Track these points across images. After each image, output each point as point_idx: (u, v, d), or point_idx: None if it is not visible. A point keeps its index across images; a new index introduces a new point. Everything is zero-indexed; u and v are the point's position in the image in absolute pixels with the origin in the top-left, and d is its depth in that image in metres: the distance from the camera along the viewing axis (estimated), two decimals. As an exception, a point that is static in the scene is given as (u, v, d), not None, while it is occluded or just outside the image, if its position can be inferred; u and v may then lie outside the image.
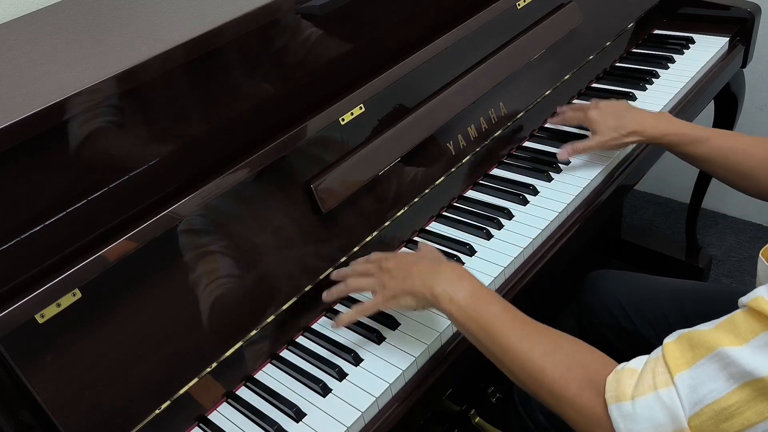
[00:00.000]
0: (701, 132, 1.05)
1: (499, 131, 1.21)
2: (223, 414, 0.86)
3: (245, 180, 0.89)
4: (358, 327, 0.93)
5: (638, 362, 0.66)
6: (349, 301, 0.98)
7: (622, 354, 1.18)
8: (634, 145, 1.12)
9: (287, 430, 0.82)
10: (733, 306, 1.05)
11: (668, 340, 0.65)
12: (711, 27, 1.50)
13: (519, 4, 1.26)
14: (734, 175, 1.02)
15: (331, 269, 0.97)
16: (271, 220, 0.92)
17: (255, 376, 0.90)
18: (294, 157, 0.95)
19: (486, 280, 0.97)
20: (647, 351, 1.12)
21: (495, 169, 1.21)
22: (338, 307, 0.98)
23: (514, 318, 0.76)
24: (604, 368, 0.68)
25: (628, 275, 1.19)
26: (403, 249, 0.96)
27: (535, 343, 0.72)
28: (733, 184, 1.03)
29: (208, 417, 0.86)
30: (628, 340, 1.15)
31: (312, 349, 0.92)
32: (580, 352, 0.72)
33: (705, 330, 0.62)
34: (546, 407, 1.02)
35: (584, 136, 1.22)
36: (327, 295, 0.90)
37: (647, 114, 1.11)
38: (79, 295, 0.75)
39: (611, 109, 1.13)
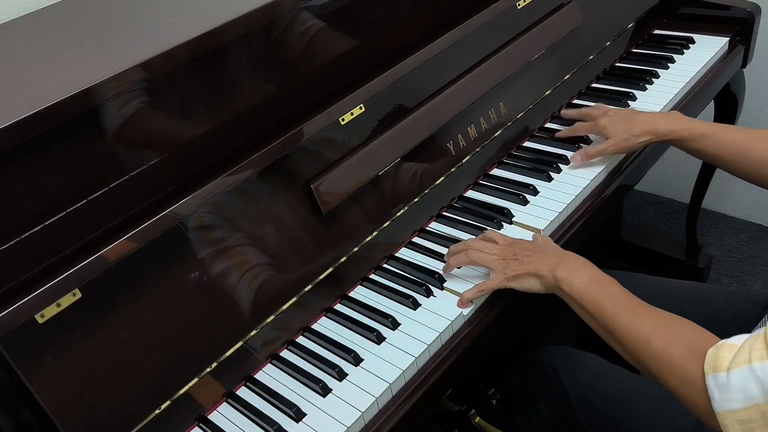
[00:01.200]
0: (710, 127, 1.06)
1: (499, 131, 1.21)
2: (223, 414, 0.86)
3: (245, 180, 0.89)
4: (358, 327, 0.93)
5: (739, 339, 0.69)
6: (349, 301, 0.98)
7: (619, 354, 1.19)
8: (645, 146, 1.13)
9: (287, 430, 0.82)
10: (732, 306, 1.05)
11: None
12: (711, 27, 1.49)
13: (519, 4, 1.26)
14: (745, 167, 1.02)
15: (331, 269, 0.97)
16: (271, 219, 0.92)
17: (255, 376, 0.90)
18: (294, 157, 0.95)
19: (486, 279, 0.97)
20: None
21: (495, 169, 1.21)
22: (338, 307, 0.98)
23: (627, 298, 0.83)
24: (706, 342, 0.72)
25: (628, 275, 1.19)
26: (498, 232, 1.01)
27: (644, 319, 0.79)
28: (744, 176, 1.04)
29: (208, 417, 0.86)
30: None
31: (312, 349, 0.92)
32: (685, 327, 0.77)
33: None
34: (552, 403, 1.02)
35: (586, 137, 1.23)
36: (447, 266, 0.98)
37: (656, 113, 1.13)
38: (79, 295, 0.75)
39: (620, 114, 1.14)
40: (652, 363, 0.77)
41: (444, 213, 1.12)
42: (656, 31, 1.55)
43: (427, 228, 1.10)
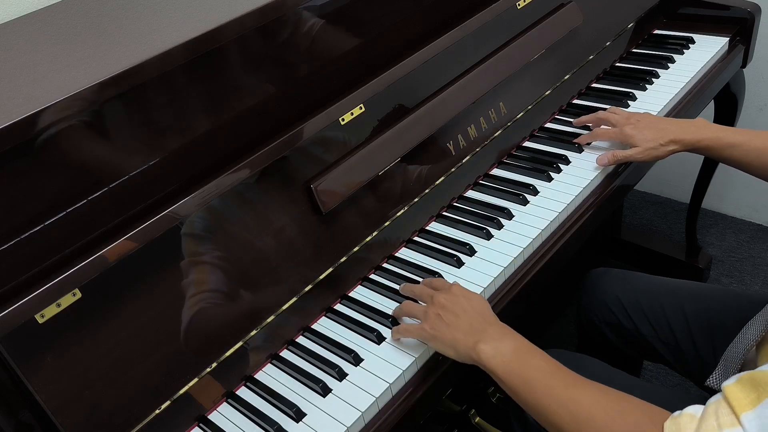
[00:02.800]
0: (737, 135, 1.05)
1: (499, 131, 1.21)
2: (223, 414, 0.86)
3: (245, 180, 0.89)
4: (358, 327, 0.93)
5: (695, 408, 0.65)
6: (349, 301, 0.98)
7: (621, 352, 1.19)
8: (671, 154, 1.13)
9: (287, 430, 0.82)
10: (732, 307, 1.05)
11: (727, 384, 0.64)
12: (711, 27, 1.50)
13: (519, 4, 1.26)
14: None
15: (331, 269, 0.97)
16: (271, 220, 0.92)
17: (255, 376, 0.90)
18: (294, 157, 0.95)
19: (486, 281, 0.97)
20: (646, 350, 1.13)
21: (495, 169, 1.21)
22: (338, 307, 0.98)
23: (558, 369, 0.76)
24: (659, 414, 0.68)
25: (629, 274, 1.19)
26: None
27: (582, 391, 0.72)
28: None
29: (208, 417, 0.86)
30: (627, 338, 1.15)
31: (312, 349, 0.92)
32: (630, 400, 0.71)
33: (767, 371, 0.62)
34: None
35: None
36: (394, 313, 0.92)
37: (682, 122, 1.12)
38: (79, 295, 0.75)
39: (646, 122, 1.13)
40: None
41: (444, 213, 1.12)
42: (656, 31, 1.55)
43: (427, 228, 1.10)
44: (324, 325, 0.96)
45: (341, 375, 0.87)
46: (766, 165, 1.02)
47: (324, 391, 0.85)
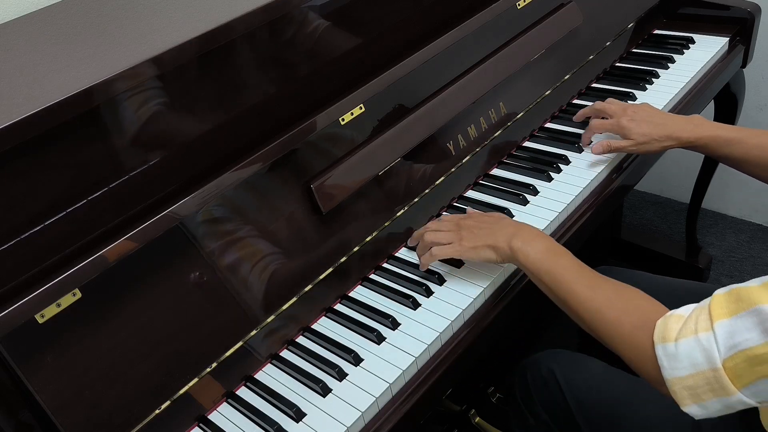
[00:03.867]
0: (735, 133, 1.05)
1: (499, 131, 1.21)
2: (223, 414, 0.86)
3: (245, 180, 0.89)
4: (358, 327, 0.93)
5: (686, 309, 0.73)
6: (349, 301, 0.98)
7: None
8: (665, 149, 1.13)
9: (287, 430, 0.82)
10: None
11: (719, 292, 0.71)
12: (711, 27, 1.49)
13: (519, 4, 1.26)
14: None
15: (331, 269, 0.97)
16: (271, 219, 0.92)
17: (255, 376, 0.90)
18: (294, 157, 0.95)
19: (486, 281, 0.97)
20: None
21: (495, 169, 1.21)
22: (338, 307, 0.98)
23: (581, 270, 0.86)
24: (656, 313, 0.76)
25: (630, 272, 1.19)
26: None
27: (598, 290, 0.82)
28: None
29: (208, 417, 0.86)
30: None
31: (312, 349, 0.92)
32: (637, 298, 0.80)
33: (753, 286, 0.67)
34: (549, 405, 1.02)
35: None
36: (421, 264, 0.99)
37: (679, 118, 1.11)
38: (79, 295, 0.75)
39: (643, 114, 1.12)
40: (605, 332, 0.80)
41: (444, 213, 1.12)
42: (656, 31, 1.55)
43: (427, 228, 1.10)
44: (324, 325, 0.96)
45: (341, 375, 0.87)
46: (765, 162, 1.01)
47: (324, 391, 0.85)
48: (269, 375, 0.90)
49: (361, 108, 1.02)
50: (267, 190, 0.93)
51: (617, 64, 1.46)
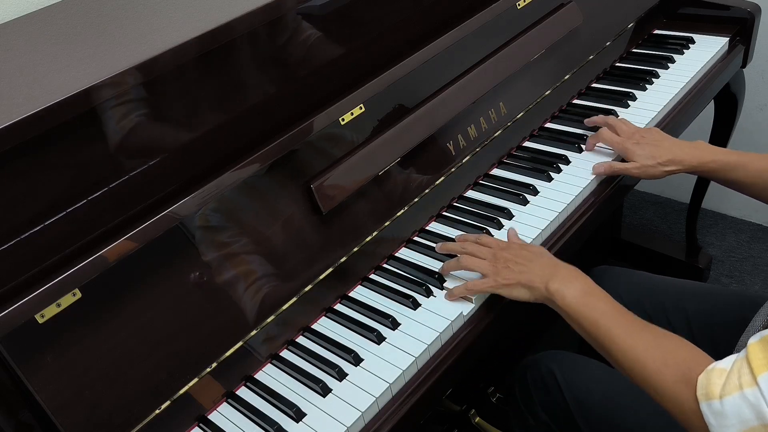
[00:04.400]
0: (738, 157, 1.05)
1: (499, 131, 1.21)
2: (223, 414, 0.86)
3: (245, 180, 0.89)
4: (358, 327, 0.93)
5: (727, 362, 0.71)
6: (349, 301, 0.98)
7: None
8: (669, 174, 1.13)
9: (287, 430, 0.82)
10: (732, 306, 1.05)
11: (752, 341, 0.69)
12: (711, 27, 1.49)
13: (519, 4, 1.26)
14: None
15: (331, 269, 0.97)
16: (271, 219, 0.92)
17: (255, 376, 0.90)
18: (294, 157, 0.95)
19: (486, 280, 0.97)
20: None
21: (495, 169, 1.21)
22: (338, 307, 0.98)
23: (621, 315, 0.84)
24: (697, 366, 0.74)
25: (631, 272, 1.19)
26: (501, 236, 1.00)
27: (638, 339, 0.80)
28: None
29: (208, 417, 0.86)
30: None
31: (312, 349, 0.92)
32: (679, 349, 0.78)
33: None
34: (549, 405, 1.02)
35: (586, 136, 1.23)
36: (442, 269, 0.98)
37: (684, 144, 1.11)
38: (79, 295, 0.75)
39: (650, 139, 1.13)
40: (646, 383, 0.78)
41: (444, 213, 1.12)
42: (656, 31, 1.55)
43: (427, 228, 1.10)
44: (324, 325, 0.96)
45: (341, 375, 0.87)
46: None
47: (324, 391, 0.85)
48: (269, 375, 0.90)
49: (361, 108, 1.02)
50: (267, 190, 0.93)
51: (617, 64, 1.46)
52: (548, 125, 1.30)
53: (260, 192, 0.92)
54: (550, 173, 1.16)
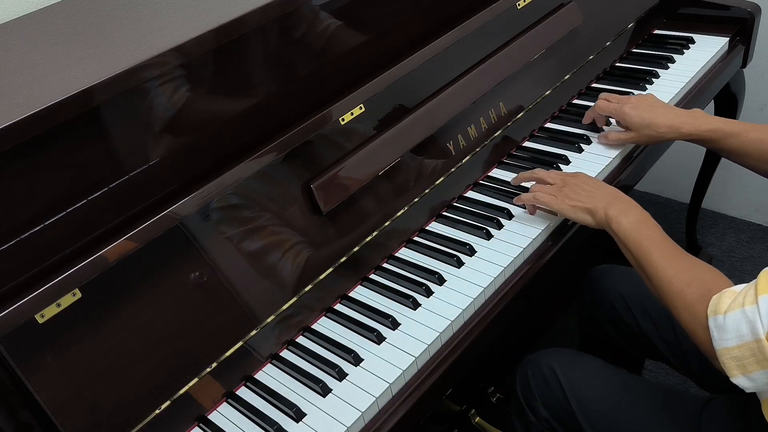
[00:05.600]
0: (735, 126, 1.06)
1: (499, 131, 1.21)
2: (223, 414, 0.86)
3: (245, 180, 0.89)
4: (358, 327, 0.93)
5: (742, 285, 0.78)
6: (349, 301, 0.98)
7: (622, 350, 1.19)
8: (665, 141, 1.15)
9: (287, 430, 0.82)
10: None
11: (767, 269, 0.74)
12: (711, 27, 1.49)
13: (519, 4, 1.26)
14: None
15: (331, 269, 0.97)
16: (270, 219, 0.92)
17: (255, 376, 0.90)
18: (294, 157, 0.95)
19: (486, 281, 0.97)
20: (647, 347, 1.13)
21: (495, 169, 1.21)
22: (338, 306, 0.98)
23: (665, 243, 0.90)
24: (716, 288, 0.80)
25: (631, 272, 1.19)
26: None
27: (672, 262, 0.87)
28: None
29: (208, 417, 0.86)
30: (628, 335, 1.15)
31: (312, 349, 0.92)
32: (704, 273, 0.84)
33: None
34: (550, 403, 1.02)
35: (586, 136, 1.23)
36: (516, 199, 1.09)
37: (681, 112, 1.13)
38: (79, 295, 0.75)
39: (645, 104, 1.15)
40: (671, 301, 0.84)
41: (444, 213, 1.12)
42: (656, 31, 1.55)
43: (427, 228, 1.10)
44: (324, 325, 0.96)
45: (341, 375, 0.87)
46: (765, 155, 1.03)
47: (324, 391, 0.85)
48: (269, 375, 0.90)
49: (361, 108, 1.02)
50: (267, 190, 0.93)
51: (617, 64, 1.46)
52: (548, 125, 1.30)
53: (260, 192, 0.92)
54: (550, 173, 1.16)
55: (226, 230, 0.88)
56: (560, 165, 1.17)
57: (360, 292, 1.00)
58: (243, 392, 0.88)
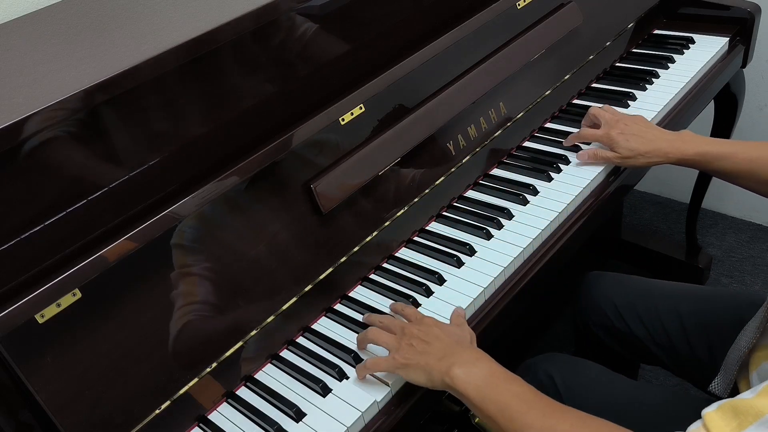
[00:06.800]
0: (724, 147, 1.04)
1: (499, 131, 1.21)
2: (223, 414, 0.86)
3: (245, 180, 0.89)
4: (357, 327, 0.93)
5: None
6: (349, 301, 0.98)
7: (617, 354, 1.19)
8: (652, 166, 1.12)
9: (287, 430, 0.82)
10: (729, 309, 1.05)
11: (708, 410, 0.63)
12: (711, 27, 1.50)
13: (519, 4, 1.26)
14: (763, 185, 1.01)
15: (331, 269, 0.97)
16: (271, 220, 0.92)
17: (255, 376, 0.90)
18: (294, 157, 0.95)
19: (486, 281, 0.97)
20: (641, 352, 1.13)
21: (495, 169, 1.21)
22: (338, 307, 0.98)
23: (535, 396, 0.74)
24: None
25: (625, 277, 1.19)
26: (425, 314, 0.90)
27: (559, 420, 0.71)
28: (762, 193, 1.02)
29: (208, 417, 0.86)
30: (621, 340, 1.16)
31: (312, 349, 0.92)
32: (608, 427, 0.70)
33: (748, 398, 0.61)
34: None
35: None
36: (357, 342, 0.89)
37: (669, 135, 1.10)
38: (79, 295, 0.75)
39: (634, 128, 1.12)
40: None
41: (444, 213, 1.12)
42: (656, 31, 1.55)
43: (427, 228, 1.10)
44: (324, 325, 0.96)
45: (341, 375, 0.87)
46: (757, 175, 1.00)
47: (324, 391, 0.85)
48: (269, 375, 0.90)
49: (361, 108, 1.02)
50: (267, 190, 0.92)
51: (617, 64, 1.46)
52: (548, 125, 1.30)
53: (260, 192, 0.92)
54: (550, 173, 1.16)
55: (225, 230, 0.88)
56: (560, 165, 1.17)
57: (360, 292, 1.00)
58: (243, 392, 0.88)
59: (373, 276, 1.02)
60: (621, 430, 0.70)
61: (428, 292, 0.96)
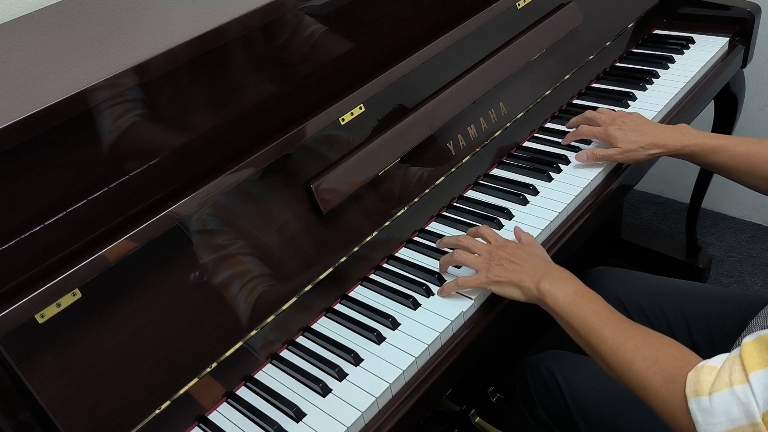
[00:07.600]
0: (721, 141, 1.05)
1: (499, 131, 1.21)
2: (223, 414, 0.86)
3: (245, 180, 0.89)
4: (358, 327, 0.93)
5: (718, 360, 0.70)
6: (349, 301, 0.98)
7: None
8: (652, 158, 1.13)
9: (287, 430, 0.82)
10: (731, 307, 1.05)
11: (747, 340, 0.67)
12: (711, 27, 1.50)
13: (519, 4, 1.26)
14: (759, 180, 1.01)
15: (331, 269, 0.97)
16: (271, 220, 0.92)
17: (255, 376, 0.90)
18: (294, 157, 0.95)
19: (486, 280, 0.97)
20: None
21: (495, 169, 1.21)
22: (338, 307, 0.98)
23: (611, 315, 0.82)
24: (687, 364, 0.72)
25: (629, 273, 1.19)
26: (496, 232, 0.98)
27: (628, 338, 0.78)
28: (758, 189, 1.03)
29: (208, 417, 0.86)
30: None
31: (312, 349, 0.92)
32: (668, 348, 0.76)
33: None
34: (549, 406, 1.02)
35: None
36: (440, 265, 0.98)
37: (666, 127, 1.12)
38: (79, 295, 0.75)
39: (631, 124, 1.13)
40: (635, 382, 0.76)
41: (444, 213, 1.12)
42: (656, 31, 1.55)
43: (427, 228, 1.10)
44: (324, 325, 0.96)
45: (341, 375, 0.87)
46: (753, 170, 1.01)
47: (324, 391, 0.85)
48: (269, 375, 0.90)
49: (361, 108, 1.02)
50: (267, 190, 0.93)
51: (617, 64, 1.46)
52: (548, 125, 1.30)
53: (260, 192, 0.92)
54: (550, 173, 1.16)
55: (225, 230, 0.88)
56: (560, 165, 1.17)
57: (360, 292, 1.00)
58: (243, 392, 0.88)
59: (373, 276, 1.02)
60: (679, 350, 0.75)
61: (428, 292, 0.96)
